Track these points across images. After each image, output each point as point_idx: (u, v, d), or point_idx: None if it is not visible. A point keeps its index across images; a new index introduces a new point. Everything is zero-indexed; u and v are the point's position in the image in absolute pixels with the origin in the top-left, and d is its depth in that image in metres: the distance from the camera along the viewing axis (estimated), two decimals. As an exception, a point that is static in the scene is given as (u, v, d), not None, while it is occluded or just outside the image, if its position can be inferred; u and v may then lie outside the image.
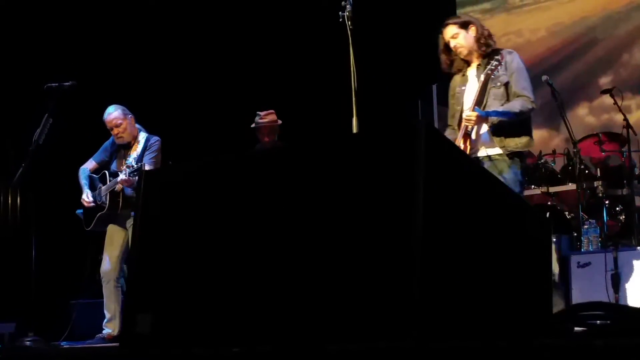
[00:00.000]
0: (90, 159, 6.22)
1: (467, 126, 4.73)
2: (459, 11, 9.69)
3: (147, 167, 5.73)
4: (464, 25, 4.88)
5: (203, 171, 2.54)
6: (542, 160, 7.22)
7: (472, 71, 4.96)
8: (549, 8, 9.19)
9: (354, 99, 4.64)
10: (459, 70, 5.03)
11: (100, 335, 5.84)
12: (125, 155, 6.07)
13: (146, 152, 6.00)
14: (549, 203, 6.92)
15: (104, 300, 5.96)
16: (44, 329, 5.77)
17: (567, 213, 6.85)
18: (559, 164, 7.26)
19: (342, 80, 4.72)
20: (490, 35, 4.93)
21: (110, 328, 5.85)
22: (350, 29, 4.67)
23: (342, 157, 2.17)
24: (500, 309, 2.24)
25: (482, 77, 4.74)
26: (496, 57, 4.74)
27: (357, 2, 4.67)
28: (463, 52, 4.90)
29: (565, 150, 7.18)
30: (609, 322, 2.29)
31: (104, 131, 6.08)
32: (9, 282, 6.28)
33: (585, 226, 6.43)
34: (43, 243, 5.93)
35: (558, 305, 5.60)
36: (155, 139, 6.10)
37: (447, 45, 4.94)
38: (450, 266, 2.01)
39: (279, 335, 2.09)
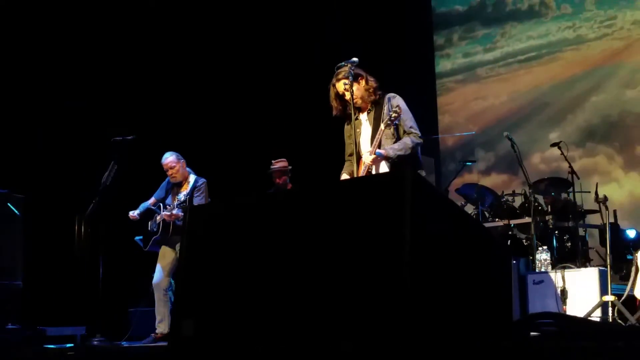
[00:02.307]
0: (152, 196, 6.28)
1: (369, 165, 4.42)
2: (438, 81, 9.78)
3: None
4: (355, 78, 4.53)
5: (236, 208, 2.55)
6: (504, 199, 7.24)
7: (363, 115, 4.66)
8: (508, 79, 9.25)
9: (355, 148, 4.64)
10: (350, 116, 4.67)
11: (153, 334, 5.83)
12: (178, 192, 6.09)
13: (195, 191, 6.04)
14: (509, 232, 6.90)
15: (155, 306, 5.96)
16: (108, 331, 5.76)
17: (524, 240, 6.83)
18: (517, 202, 7.25)
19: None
20: (376, 86, 4.62)
21: (161, 328, 5.82)
22: (352, 93, 4.64)
23: (346, 197, 2.18)
24: (471, 317, 2.23)
25: (381, 125, 4.45)
26: (390, 108, 4.46)
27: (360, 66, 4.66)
28: (358, 101, 4.57)
29: (522, 190, 7.18)
30: (558, 328, 2.27)
31: (160, 173, 6.13)
32: (81, 294, 6.28)
33: (539, 251, 6.41)
34: (109, 263, 5.95)
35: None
36: (202, 180, 6.14)
37: (338, 94, 4.59)
38: (432, 286, 2.00)
39: (295, 338, 2.08)
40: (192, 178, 6.11)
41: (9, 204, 6.99)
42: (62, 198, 6.80)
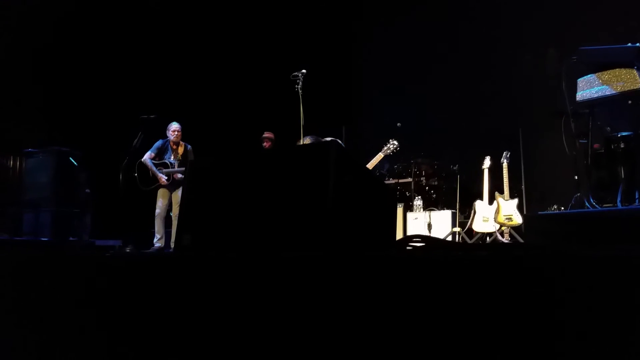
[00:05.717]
0: (151, 152, 5.89)
1: None
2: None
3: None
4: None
5: (220, 162, 2.47)
6: (396, 167, 7.32)
7: None
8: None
9: (301, 129, 4.62)
10: None
11: (154, 247, 5.67)
12: (176, 152, 5.87)
13: (189, 153, 5.88)
14: (398, 187, 7.00)
15: (156, 227, 5.78)
16: (137, 243, 5.63)
17: (407, 192, 6.94)
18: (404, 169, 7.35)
19: (297, 119, 4.69)
20: None
21: (160, 243, 5.69)
22: (301, 94, 4.62)
23: (298, 155, 2.15)
24: (371, 236, 2.23)
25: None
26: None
27: (307, 79, 4.62)
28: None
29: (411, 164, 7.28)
30: (424, 244, 2.30)
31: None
32: (120, 218, 6.08)
33: (416, 199, 6.52)
34: (138, 197, 5.77)
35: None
36: (189, 146, 5.94)
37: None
38: (345, 209, 1.99)
39: (259, 245, 2.04)
40: (183, 143, 5.94)
41: (70, 158, 6.74)
42: (108, 154, 6.53)
